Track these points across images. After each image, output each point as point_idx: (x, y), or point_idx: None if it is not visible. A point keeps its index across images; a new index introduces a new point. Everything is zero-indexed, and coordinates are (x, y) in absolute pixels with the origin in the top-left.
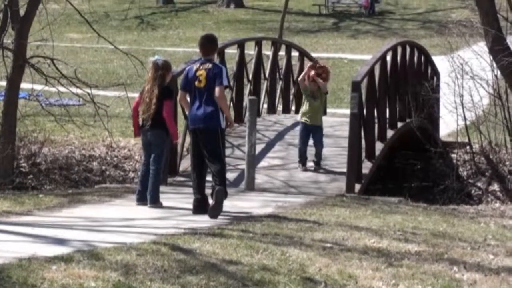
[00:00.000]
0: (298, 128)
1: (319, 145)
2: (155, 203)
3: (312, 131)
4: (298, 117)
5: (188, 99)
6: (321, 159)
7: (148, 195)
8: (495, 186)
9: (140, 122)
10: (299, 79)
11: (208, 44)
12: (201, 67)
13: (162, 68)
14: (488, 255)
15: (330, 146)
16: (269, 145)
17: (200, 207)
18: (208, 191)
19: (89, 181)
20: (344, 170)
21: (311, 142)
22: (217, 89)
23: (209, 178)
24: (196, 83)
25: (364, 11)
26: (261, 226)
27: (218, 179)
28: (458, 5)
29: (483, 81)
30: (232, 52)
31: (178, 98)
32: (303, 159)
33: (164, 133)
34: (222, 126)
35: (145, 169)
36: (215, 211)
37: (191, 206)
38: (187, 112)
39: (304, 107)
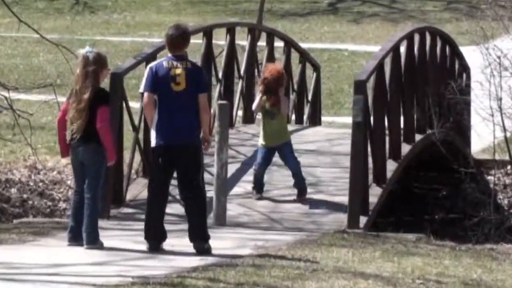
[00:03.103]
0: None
1: (293, 162)
2: (94, 243)
3: (278, 150)
4: (259, 141)
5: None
6: (304, 183)
7: (83, 233)
8: None
9: (68, 137)
10: (254, 106)
11: (180, 38)
12: (176, 65)
13: (94, 64)
14: None
15: (326, 166)
16: (246, 165)
17: (157, 241)
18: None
19: (6, 214)
20: (345, 198)
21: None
22: (202, 97)
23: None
24: (172, 84)
25: None
26: (235, 273)
27: (198, 222)
28: None
29: None
30: (195, 42)
31: (144, 102)
32: (258, 185)
33: (101, 149)
34: (201, 143)
35: (78, 198)
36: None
37: (141, 246)
38: (149, 122)
39: (262, 130)
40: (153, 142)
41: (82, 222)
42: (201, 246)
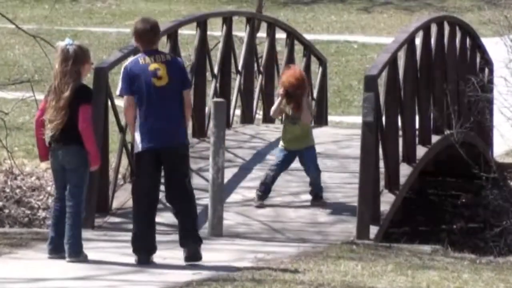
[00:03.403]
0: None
1: (312, 170)
2: (77, 255)
3: (299, 155)
4: (280, 143)
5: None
6: (322, 189)
7: (65, 245)
8: None
9: (47, 139)
10: (272, 111)
11: (151, 32)
12: (153, 59)
13: (75, 58)
14: None
15: (333, 171)
16: (244, 170)
17: (146, 253)
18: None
19: None
20: (354, 205)
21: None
22: (186, 94)
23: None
24: (153, 80)
25: None
26: None
27: (190, 224)
28: None
29: None
30: (188, 33)
31: (124, 106)
32: (265, 189)
33: (83, 151)
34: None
35: (59, 206)
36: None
37: (129, 259)
38: (131, 128)
39: (282, 133)
40: (138, 147)
41: (64, 232)
42: (194, 248)
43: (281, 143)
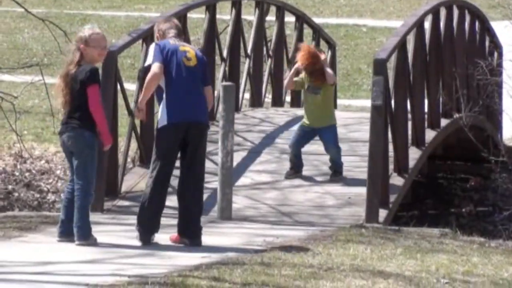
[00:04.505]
0: (295, 128)
1: (332, 148)
2: (85, 238)
3: (319, 134)
4: (302, 120)
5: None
6: (341, 166)
7: (74, 228)
8: None
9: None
10: (285, 83)
11: (180, 26)
12: (183, 44)
13: (77, 41)
14: None
15: (343, 154)
16: (253, 153)
17: (152, 234)
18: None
19: None
20: (363, 189)
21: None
22: (206, 90)
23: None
24: (183, 59)
25: None
26: (241, 272)
27: (198, 211)
28: None
29: None
30: (197, 17)
31: (153, 72)
32: (292, 168)
33: (87, 134)
34: None
35: (71, 188)
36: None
37: (138, 243)
38: (147, 95)
39: (304, 107)
40: (164, 120)
41: (73, 216)
42: (200, 241)
43: (303, 120)
